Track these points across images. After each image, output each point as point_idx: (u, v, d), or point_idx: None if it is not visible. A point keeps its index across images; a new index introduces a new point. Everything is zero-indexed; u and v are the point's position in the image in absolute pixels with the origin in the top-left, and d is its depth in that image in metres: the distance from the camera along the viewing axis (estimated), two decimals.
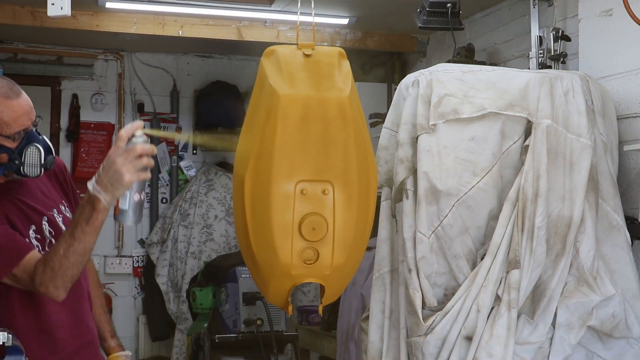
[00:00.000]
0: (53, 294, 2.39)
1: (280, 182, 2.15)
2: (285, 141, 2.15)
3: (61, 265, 2.35)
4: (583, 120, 3.16)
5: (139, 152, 2.26)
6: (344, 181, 2.19)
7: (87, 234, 2.36)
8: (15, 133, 2.45)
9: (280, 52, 2.27)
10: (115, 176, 2.26)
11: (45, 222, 2.59)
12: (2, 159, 2.47)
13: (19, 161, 2.46)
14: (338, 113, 2.18)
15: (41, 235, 2.57)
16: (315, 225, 2.17)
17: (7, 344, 2.26)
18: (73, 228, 2.36)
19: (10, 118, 2.44)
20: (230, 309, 5.44)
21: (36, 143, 2.49)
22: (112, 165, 2.26)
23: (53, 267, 2.36)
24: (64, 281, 2.38)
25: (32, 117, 2.50)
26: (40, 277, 2.38)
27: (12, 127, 2.44)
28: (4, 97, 2.43)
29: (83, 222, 2.34)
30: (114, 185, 2.27)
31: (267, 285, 2.28)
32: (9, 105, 2.43)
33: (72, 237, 2.35)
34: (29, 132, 2.49)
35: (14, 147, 2.46)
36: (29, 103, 2.50)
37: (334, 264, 2.22)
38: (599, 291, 3.10)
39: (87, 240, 2.36)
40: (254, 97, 2.29)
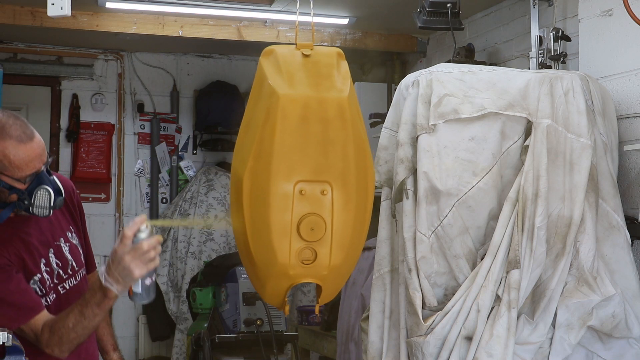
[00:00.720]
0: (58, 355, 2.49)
1: (279, 182, 2.15)
2: (285, 141, 2.14)
3: (69, 336, 2.45)
4: (583, 120, 3.16)
5: (145, 249, 2.35)
6: (342, 182, 2.19)
7: (97, 315, 2.44)
8: (27, 176, 2.45)
9: (279, 52, 2.27)
10: (125, 272, 2.35)
11: (52, 255, 2.62)
12: (12, 198, 2.47)
13: (28, 202, 2.47)
14: (337, 113, 2.18)
15: (49, 267, 2.60)
16: (314, 225, 2.17)
17: (7, 344, 2.26)
18: (84, 307, 2.44)
19: (22, 162, 2.43)
20: (230, 309, 5.44)
21: (46, 185, 2.48)
22: (120, 262, 2.35)
23: (61, 336, 2.45)
24: (69, 347, 2.47)
25: (44, 159, 2.49)
26: (46, 340, 2.46)
27: (23, 171, 2.44)
28: (17, 140, 2.42)
29: (94, 305, 2.43)
30: (125, 279, 2.37)
31: (264, 285, 2.28)
32: (21, 149, 2.42)
33: (82, 315, 2.43)
34: (40, 173, 2.48)
35: (23, 188, 2.46)
36: (42, 145, 2.49)
37: (332, 264, 2.22)
38: (599, 291, 3.10)
39: (97, 319, 2.46)
40: (253, 97, 2.28)
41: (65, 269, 2.64)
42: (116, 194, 6.70)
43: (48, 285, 2.58)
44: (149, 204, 6.77)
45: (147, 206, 6.77)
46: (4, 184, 2.43)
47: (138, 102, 6.78)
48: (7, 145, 2.40)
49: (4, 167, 2.41)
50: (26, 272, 2.53)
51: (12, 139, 2.40)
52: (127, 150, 6.75)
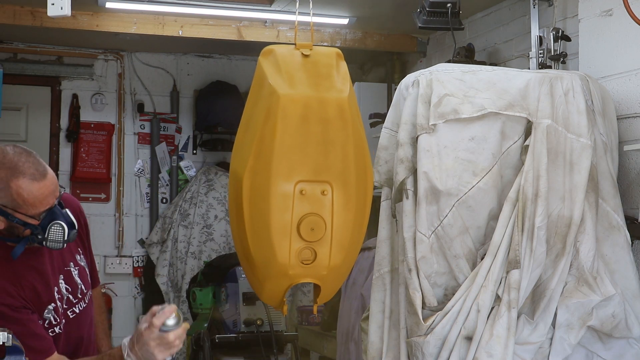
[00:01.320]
0: None
1: (279, 181, 2.15)
2: (285, 141, 2.14)
3: None
4: (583, 120, 3.16)
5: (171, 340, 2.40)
6: (342, 182, 2.19)
7: None
8: (40, 214, 2.47)
9: (279, 51, 2.27)
10: (148, 354, 2.41)
11: (62, 281, 2.65)
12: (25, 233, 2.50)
13: (42, 236, 2.49)
14: (338, 114, 2.18)
15: (60, 294, 2.63)
16: (314, 225, 2.17)
17: (7, 344, 2.26)
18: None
19: (36, 200, 2.44)
20: (230, 308, 5.44)
21: (60, 221, 2.50)
22: (144, 345, 2.40)
23: None
24: None
25: (57, 194, 2.51)
26: None
27: (37, 208, 2.46)
28: (31, 179, 2.43)
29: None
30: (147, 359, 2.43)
31: (262, 285, 2.28)
32: (35, 188, 2.43)
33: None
34: (52, 208, 2.49)
35: (37, 223, 2.48)
36: (54, 181, 2.50)
37: (331, 265, 2.22)
38: (599, 291, 3.10)
39: None
40: (252, 96, 2.28)
41: (75, 293, 2.68)
42: (116, 194, 6.70)
43: (60, 313, 2.61)
44: (149, 204, 6.77)
45: (147, 206, 6.77)
46: (18, 221, 2.45)
47: (138, 102, 6.78)
48: (20, 184, 2.41)
49: (18, 205, 2.42)
50: (41, 303, 2.56)
51: (25, 177, 2.41)
52: (127, 150, 6.74)
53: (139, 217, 6.78)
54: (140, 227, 6.77)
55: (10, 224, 2.46)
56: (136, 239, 6.77)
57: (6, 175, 2.41)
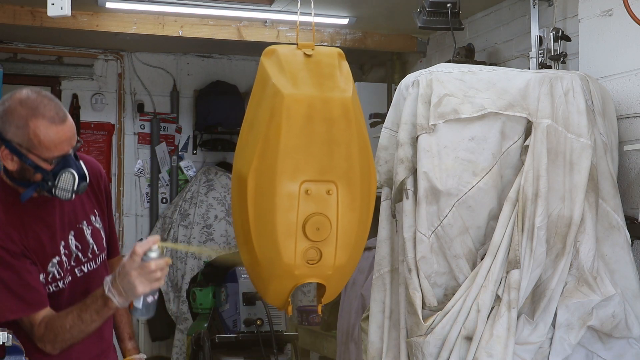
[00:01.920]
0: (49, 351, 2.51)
1: (284, 181, 2.15)
2: (290, 141, 2.14)
3: (64, 335, 2.47)
4: (583, 120, 3.16)
5: (152, 268, 2.38)
6: (347, 181, 2.19)
7: (94, 321, 2.47)
8: (54, 158, 2.47)
9: (281, 51, 2.27)
10: (129, 286, 2.38)
11: (71, 237, 2.63)
12: (36, 177, 2.49)
13: (51, 183, 2.48)
14: (342, 113, 2.19)
15: (68, 250, 2.61)
16: (320, 225, 2.17)
17: (7, 344, 2.26)
18: (83, 311, 2.46)
19: (52, 143, 2.44)
20: (230, 309, 5.44)
21: (71, 169, 2.49)
22: (126, 276, 2.38)
23: (56, 334, 2.47)
24: (62, 346, 2.49)
25: (73, 143, 2.51)
26: (40, 335, 2.48)
27: (52, 152, 2.45)
28: (50, 121, 2.43)
29: (93, 312, 2.45)
30: (127, 293, 2.40)
31: (267, 286, 2.27)
32: (52, 131, 2.44)
33: (80, 319, 2.46)
34: (67, 156, 2.49)
35: (49, 169, 2.47)
36: (72, 129, 2.51)
37: (337, 264, 2.22)
38: (599, 291, 3.10)
39: (93, 325, 2.48)
40: (255, 96, 2.28)
41: (85, 252, 2.65)
42: (116, 193, 6.70)
43: (65, 268, 2.58)
44: (149, 204, 6.77)
45: (147, 206, 6.77)
46: (31, 162, 2.45)
47: (138, 102, 6.78)
48: (39, 124, 2.41)
49: (33, 145, 2.43)
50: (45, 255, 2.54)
51: (44, 119, 2.42)
52: (127, 150, 6.75)
53: (139, 217, 6.78)
54: (140, 227, 6.78)
55: (22, 166, 2.46)
56: (136, 238, 6.77)
57: (26, 114, 2.42)
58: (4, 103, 2.47)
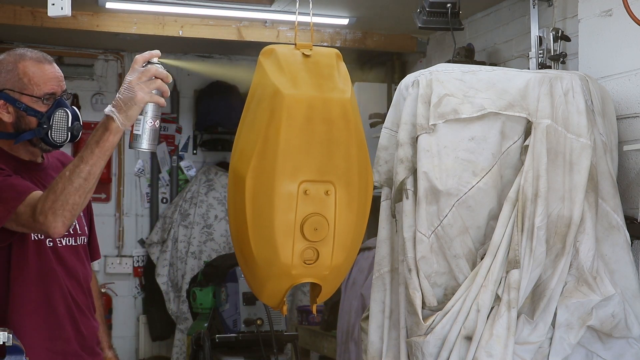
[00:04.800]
0: (50, 224, 2.32)
1: (283, 181, 2.15)
2: (290, 141, 2.15)
3: (64, 188, 2.31)
4: (583, 120, 3.16)
5: (152, 72, 2.32)
6: (345, 182, 2.20)
7: (95, 155, 2.33)
8: (44, 94, 2.56)
9: (280, 51, 2.27)
10: (129, 94, 2.29)
11: None
12: (32, 123, 2.55)
13: (47, 125, 2.54)
14: (341, 114, 2.19)
15: None
16: (317, 225, 2.18)
17: (7, 343, 2.26)
18: (82, 151, 2.36)
19: (41, 80, 2.56)
20: (230, 308, 5.44)
21: (65, 107, 2.58)
22: (126, 84, 2.30)
23: (56, 190, 2.32)
24: (63, 209, 2.31)
25: (63, 86, 2.62)
26: (41, 205, 2.32)
27: (41, 88, 2.55)
28: (37, 61, 2.58)
29: (93, 144, 2.34)
30: (127, 104, 2.29)
31: (263, 285, 2.28)
32: (40, 68, 2.57)
33: (80, 159, 2.33)
34: (59, 99, 2.59)
35: (43, 110, 2.56)
36: (60, 73, 2.64)
37: (333, 264, 2.23)
38: (599, 291, 3.10)
39: (94, 162, 2.34)
40: (253, 96, 2.28)
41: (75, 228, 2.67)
42: (116, 193, 6.71)
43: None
44: (149, 203, 6.78)
45: (147, 206, 6.77)
46: (24, 107, 2.53)
47: None
48: (26, 64, 2.56)
49: (24, 85, 2.54)
50: None
51: (32, 59, 2.58)
52: (127, 150, 6.75)
53: (139, 217, 6.78)
54: (141, 227, 6.78)
55: (17, 115, 2.54)
56: (136, 238, 6.77)
57: (14, 59, 2.58)
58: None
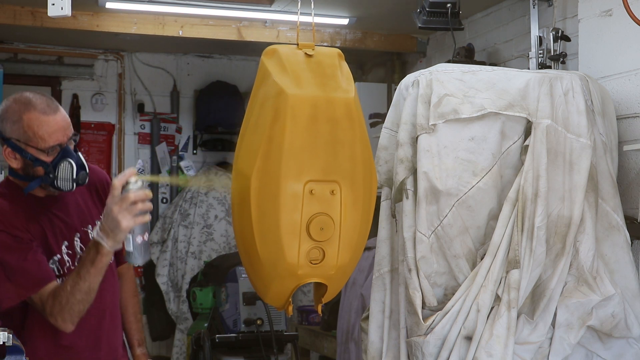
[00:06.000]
0: (61, 326, 2.54)
1: (289, 182, 2.15)
2: (295, 141, 2.15)
3: (68, 300, 2.50)
4: (583, 120, 3.16)
5: (132, 200, 2.39)
6: (350, 181, 2.20)
7: (91, 274, 2.48)
8: (50, 147, 2.56)
9: (282, 51, 2.27)
10: (113, 223, 2.40)
11: (77, 239, 2.69)
12: (38, 171, 2.59)
13: (52, 175, 2.57)
14: (345, 113, 2.19)
15: (72, 250, 2.68)
16: (323, 225, 2.18)
17: (7, 343, 2.26)
18: (80, 267, 2.50)
19: (46, 133, 2.55)
20: (230, 308, 5.44)
21: (69, 158, 2.58)
22: (109, 213, 2.40)
23: (61, 301, 2.50)
24: (71, 315, 2.52)
25: (68, 134, 2.61)
26: (50, 308, 2.52)
27: (46, 142, 2.55)
28: (41, 112, 2.56)
29: (88, 264, 2.48)
30: (114, 231, 2.41)
31: (268, 286, 2.27)
32: (45, 121, 2.55)
33: (78, 276, 2.49)
34: (64, 148, 2.59)
35: (49, 161, 2.57)
36: (66, 120, 2.62)
37: (339, 264, 2.22)
38: (599, 291, 3.10)
39: (91, 280, 2.49)
40: (256, 96, 2.28)
41: None
42: None
43: (67, 267, 2.64)
44: None
45: None
46: (30, 156, 2.56)
47: (138, 102, 6.79)
48: (31, 117, 2.55)
49: (29, 138, 2.55)
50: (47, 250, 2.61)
51: (36, 111, 2.55)
52: (127, 150, 6.75)
53: None
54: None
55: (25, 162, 2.58)
56: None
57: (19, 109, 2.56)
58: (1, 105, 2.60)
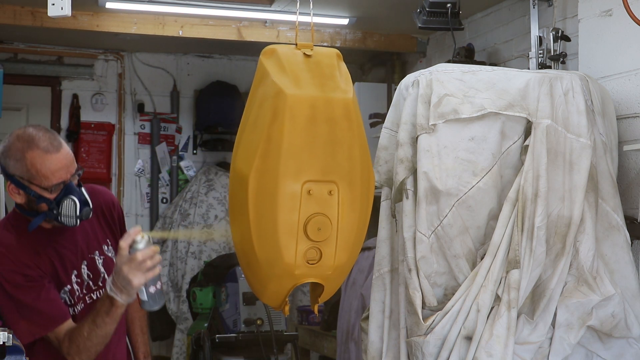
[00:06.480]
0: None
1: (287, 182, 2.15)
2: (293, 141, 2.15)
3: (85, 344, 2.56)
4: (583, 120, 3.16)
5: (140, 260, 2.43)
6: (348, 182, 2.20)
7: (107, 323, 2.54)
8: (53, 186, 2.56)
9: (281, 51, 2.27)
10: (125, 282, 2.46)
11: (84, 266, 2.72)
12: (42, 207, 2.59)
13: (56, 211, 2.58)
14: (344, 114, 2.19)
15: (81, 279, 2.71)
16: (321, 225, 2.18)
17: (7, 343, 2.26)
18: (95, 316, 2.55)
19: (49, 171, 2.55)
20: (230, 308, 5.45)
21: (72, 196, 2.58)
22: (119, 272, 2.45)
23: (78, 345, 2.56)
24: (88, 356, 2.59)
25: (72, 170, 2.61)
26: (67, 349, 2.58)
27: (50, 180, 2.55)
28: (44, 151, 2.55)
29: (103, 313, 2.53)
30: (126, 288, 2.47)
31: (265, 286, 2.28)
32: (48, 159, 2.55)
33: (94, 324, 2.55)
34: (68, 184, 2.59)
35: (52, 198, 2.57)
36: (69, 157, 2.61)
37: (336, 264, 2.23)
38: (599, 291, 3.10)
39: (107, 327, 2.56)
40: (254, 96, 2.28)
41: (96, 280, 2.74)
42: (116, 194, 6.70)
43: (77, 296, 2.69)
44: (149, 204, 6.78)
45: (147, 206, 6.77)
46: (34, 193, 2.56)
47: (138, 102, 6.78)
48: (34, 155, 2.54)
49: (32, 176, 2.54)
50: (58, 282, 2.64)
51: (39, 149, 2.54)
52: (127, 150, 6.75)
53: (139, 217, 6.78)
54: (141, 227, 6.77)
55: (28, 198, 2.58)
56: None
57: (22, 147, 2.55)
58: (5, 141, 2.60)
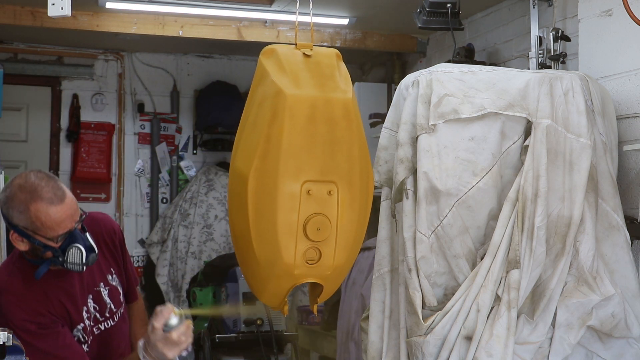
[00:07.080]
0: None
1: (286, 182, 2.15)
2: (293, 141, 2.15)
3: None
4: (583, 120, 3.16)
5: (175, 339, 2.50)
6: (348, 182, 2.20)
7: None
8: (58, 236, 2.54)
9: (281, 51, 2.27)
10: (159, 354, 2.53)
11: (90, 300, 2.72)
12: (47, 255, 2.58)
13: (62, 259, 2.56)
14: (343, 114, 2.19)
15: (89, 313, 2.71)
16: (320, 225, 2.18)
17: (7, 343, 2.26)
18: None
19: (54, 223, 2.52)
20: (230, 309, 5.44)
21: (78, 244, 2.57)
22: (154, 347, 2.52)
23: None
24: None
25: (76, 219, 2.58)
26: None
27: (55, 231, 2.53)
28: (48, 202, 2.50)
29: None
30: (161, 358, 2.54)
31: (265, 286, 2.27)
32: (52, 211, 2.51)
33: None
34: (72, 232, 2.56)
35: (57, 247, 2.55)
36: (73, 206, 2.58)
37: (335, 264, 2.23)
38: (599, 291, 3.10)
39: None
40: (254, 96, 2.28)
41: (103, 312, 2.74)
42: (116, 193, 6.70)
43: (89, 331, 2.69)
44: (149, 204, 6.78)
45: (147, 206, 6.77)
46: (39, 243, 2.53)
47: (138, 102, 6.78)
48: (39, 207, 2.49)
49: (37, 228, 2.51)
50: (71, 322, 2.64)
51: (43, 201, 2.50)
52: (127, 150, 6.75)
53: (139, 217, 6.78)
54: (141, 227, 6.78)
55: (33, 246, 2.55)
56: (136, 238, 6.77)
57: (26, 199, 2.50)
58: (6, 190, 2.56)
